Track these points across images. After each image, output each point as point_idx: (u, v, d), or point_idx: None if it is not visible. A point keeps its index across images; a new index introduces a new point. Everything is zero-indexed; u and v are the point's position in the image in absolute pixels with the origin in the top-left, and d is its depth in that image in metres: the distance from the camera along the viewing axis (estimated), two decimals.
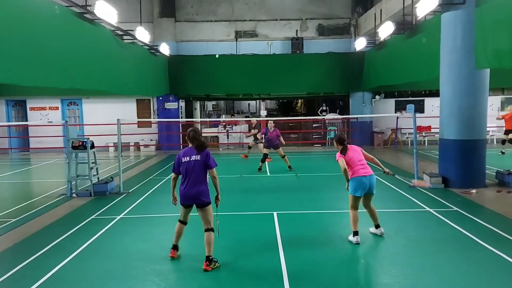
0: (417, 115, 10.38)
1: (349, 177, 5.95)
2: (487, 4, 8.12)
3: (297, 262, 5.27)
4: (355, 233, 5.94)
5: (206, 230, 5.21)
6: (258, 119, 15.79)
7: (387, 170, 6.34)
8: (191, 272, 5.07)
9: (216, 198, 5.29)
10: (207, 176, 5.27)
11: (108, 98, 18.02)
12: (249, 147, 14.45)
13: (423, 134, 18.75)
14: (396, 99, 19.57)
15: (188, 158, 5.19)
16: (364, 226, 6.83)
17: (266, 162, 13.03)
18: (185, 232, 5.44)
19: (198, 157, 5.15)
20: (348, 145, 6.13)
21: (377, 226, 6.26)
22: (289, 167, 12.22)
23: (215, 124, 20.63)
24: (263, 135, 12.52)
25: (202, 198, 5.17)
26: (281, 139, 12.50)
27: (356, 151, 6.10)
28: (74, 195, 9.40)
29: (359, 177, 5.86)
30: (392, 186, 9.74)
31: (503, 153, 14.37)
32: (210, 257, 5.12)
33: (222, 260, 5.32)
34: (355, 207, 6.01)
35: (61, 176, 12.03)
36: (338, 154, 6.06)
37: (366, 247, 5.78)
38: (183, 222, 5.47)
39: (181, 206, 5.37)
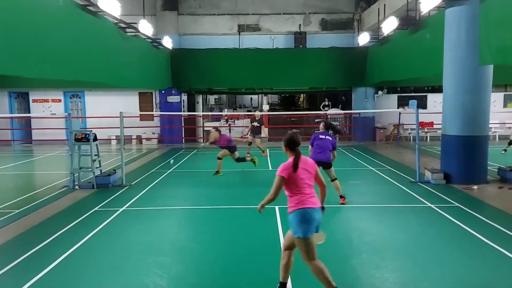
0: (420, 111, 10.36)
1: (292, 208, 4.03)
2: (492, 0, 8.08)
3: (298, 256, 5.28)
4: None
5: (332, 180, 7.62)
6: (262, 113, 15.72)
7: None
8: (193, 264, 5.11)
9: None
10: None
11: (111, 91, 18.07)
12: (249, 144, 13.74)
13: (425, 130, 18.73)
14: (399, 94, 19.53)
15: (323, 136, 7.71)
16: (365, 221, 6.86)
17: (268, 157, 13.27)
18: (190, 229, 5.43)
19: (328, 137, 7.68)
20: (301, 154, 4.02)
21: None
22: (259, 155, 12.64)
23: (217, 118, 20.64)
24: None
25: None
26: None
27: (310, 166, 4.08)
28: (76, 187, 9.44)
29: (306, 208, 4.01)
30: (394, 182, 9.75)
31: (505, 150, 14.32)
32: (342, 196, 7.72)
33: (225, 254, 5.34)
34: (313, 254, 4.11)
35: (63, 168, 12.07)
36: (283, 166, 3.99)
37: (367, 242, 5.80)
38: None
39: None
